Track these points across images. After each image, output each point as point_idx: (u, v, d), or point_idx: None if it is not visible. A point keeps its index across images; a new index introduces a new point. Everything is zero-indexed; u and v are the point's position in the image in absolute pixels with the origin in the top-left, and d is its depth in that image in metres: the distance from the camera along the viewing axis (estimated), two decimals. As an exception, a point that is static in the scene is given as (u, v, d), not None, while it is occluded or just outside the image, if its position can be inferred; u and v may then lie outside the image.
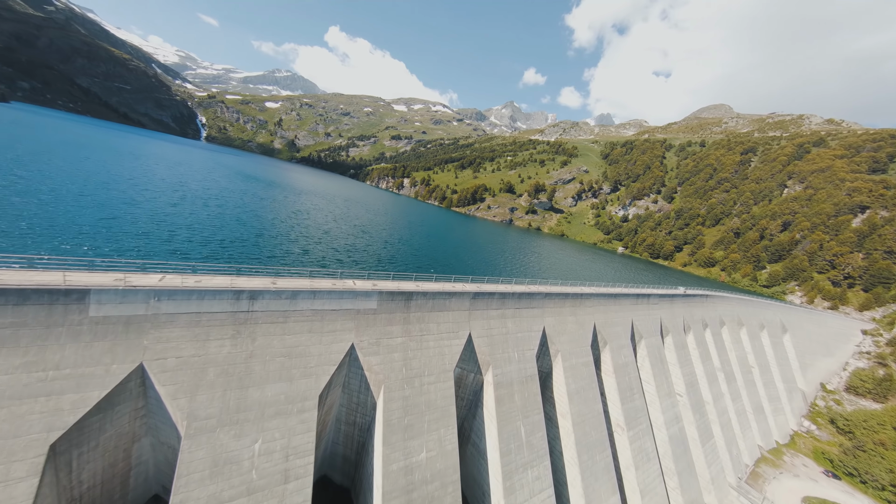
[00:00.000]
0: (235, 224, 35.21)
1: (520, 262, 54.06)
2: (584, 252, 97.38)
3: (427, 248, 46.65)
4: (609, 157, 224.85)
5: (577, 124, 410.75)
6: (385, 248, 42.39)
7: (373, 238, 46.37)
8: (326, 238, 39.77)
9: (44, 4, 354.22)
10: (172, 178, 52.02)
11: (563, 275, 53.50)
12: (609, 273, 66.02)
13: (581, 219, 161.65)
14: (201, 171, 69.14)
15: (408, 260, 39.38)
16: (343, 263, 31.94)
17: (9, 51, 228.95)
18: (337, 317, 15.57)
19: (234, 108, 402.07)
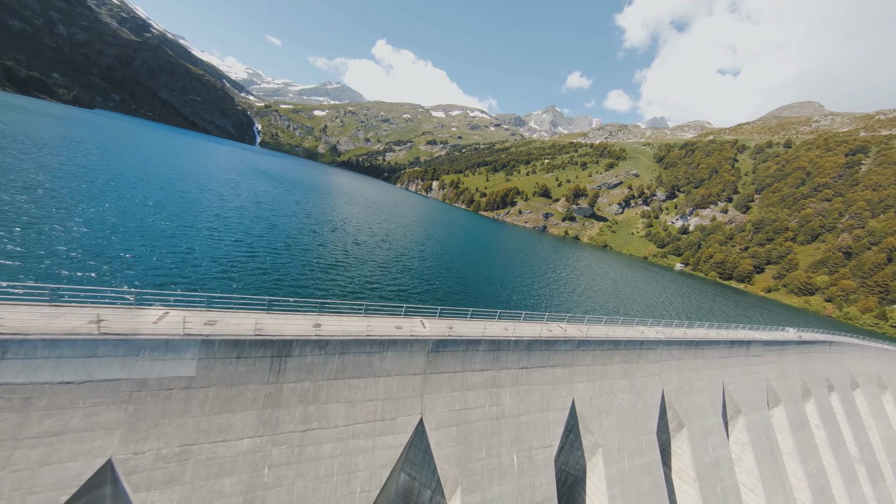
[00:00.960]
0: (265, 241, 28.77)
1: (552, 278, 41.07)
2: (633, 268, 79.58)
3: (438, 259, 36.09)
4: (664, 160, 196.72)
5: (625, 127, 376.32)
6: (391, 256, 32.87)
7: (386, 247, 37.27)
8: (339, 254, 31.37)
9: (144, 32, 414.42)
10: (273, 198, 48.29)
11: (605, 300, 39.41)
12: (669, 298, 49.76)
13: (628, 228, 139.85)
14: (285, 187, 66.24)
15: (417, 276, 29.22)
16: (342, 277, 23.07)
17: (110, 70, 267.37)
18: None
19: (286, 117, 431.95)
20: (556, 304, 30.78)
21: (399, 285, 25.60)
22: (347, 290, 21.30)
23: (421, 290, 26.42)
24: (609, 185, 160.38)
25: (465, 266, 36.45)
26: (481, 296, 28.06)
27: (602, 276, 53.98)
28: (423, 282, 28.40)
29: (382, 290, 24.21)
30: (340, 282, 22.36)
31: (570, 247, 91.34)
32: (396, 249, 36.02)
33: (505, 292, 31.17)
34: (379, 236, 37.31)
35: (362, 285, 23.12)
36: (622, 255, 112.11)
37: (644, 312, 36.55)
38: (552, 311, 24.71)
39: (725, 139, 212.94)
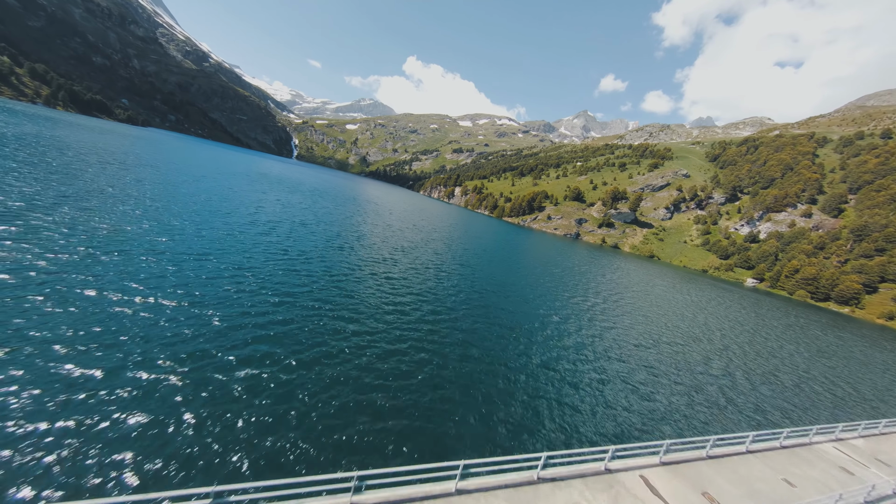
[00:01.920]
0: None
1: (600, 306, 28.98)
2: (692, 283, 62.92)
3: (458, 278, 26.39)
4: (720, 159, 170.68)
5: (668, 127, 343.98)
6: (403, 276, 24.02)
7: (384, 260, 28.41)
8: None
9: (203, 62, 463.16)
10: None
11: (699, 336, 26.42)
12: (778, 332, 34.51)
13: (679, 236, 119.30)
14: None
15: (437, 303, 20.14)
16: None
17: (171, 94, 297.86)
18: None
19: (321, 131, 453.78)
20: (624, 350, 19.26)
21: (417, 319, 16.27)
22: (351, 348, 12.37)
23: (444, 324, 17.01)
24: (654, 187, 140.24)
25: (489, 286, 26.17)
26: (518, 332, 17.97)
27: (666, 298, 40.10)
28: (446, 311, 18.88)
29: (399, 328, 15.33)
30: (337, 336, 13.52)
31: (610, 258, 76.27)
32: (410, 268, 26.68)
33: (546, 329, 20.39)
34: (390, 256, 28.20)
35: (369, 332, 14.09)
36: (674, 267, 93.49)
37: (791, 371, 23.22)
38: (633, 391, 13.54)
39: (796, 133, 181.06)
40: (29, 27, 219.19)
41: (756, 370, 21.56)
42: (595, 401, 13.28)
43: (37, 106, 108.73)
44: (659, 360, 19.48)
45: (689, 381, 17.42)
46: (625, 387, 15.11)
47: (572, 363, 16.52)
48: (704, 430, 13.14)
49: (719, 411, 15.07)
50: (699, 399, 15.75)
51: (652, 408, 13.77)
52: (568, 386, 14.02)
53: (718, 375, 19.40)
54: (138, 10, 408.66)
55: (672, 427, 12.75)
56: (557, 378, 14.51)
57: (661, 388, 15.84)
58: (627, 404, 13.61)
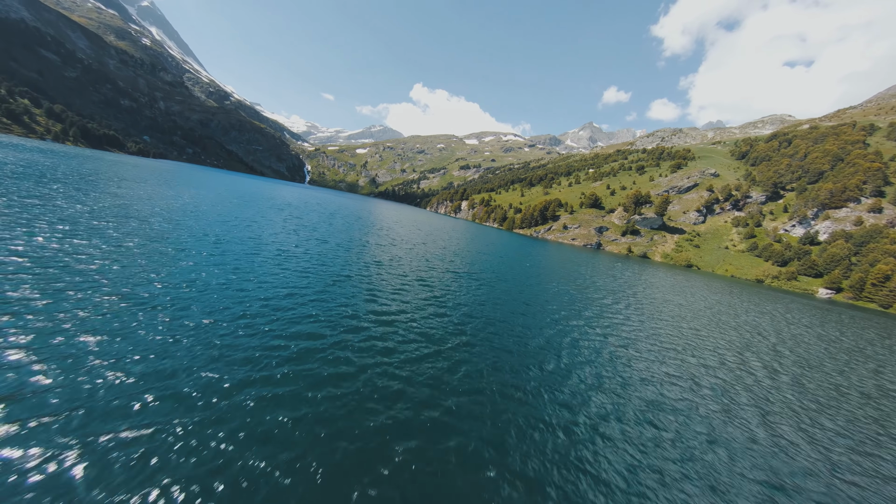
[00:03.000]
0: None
1: (643, 342, 16.68)
2: (750, 296, 47.99)
3: (466, 306, 15.87)
4: (749, 156, 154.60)
5: (680, 131, 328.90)
6: (406, 300, 13.90)
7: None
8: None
9: (224, 100, 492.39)
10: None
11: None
12: None
13: (718, 241, 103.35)
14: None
15: (443, 340, 9.84)
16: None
17: (191, 130, 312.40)
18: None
19: (332, 157, 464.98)
20: (693, 405, 7.76)
21: (422, 360, 6.02)
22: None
23: (453, 369, 6.20)
24: (679, 188, 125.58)
25: (503, 315, 15.67)
26: (538, 381, 7.12)
27: (728, 317, 26.84)
28: (453, 352, 8.02)
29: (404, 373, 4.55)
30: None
31: (642, 269, 62.49)
32: (412, 292, 16.54)
33: (583, 370, 9.00)
34: (391, 278, 18.29)
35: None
36: (720, 277, 77.73)
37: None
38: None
39: (832, 125, 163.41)
40: (65, 77, 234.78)
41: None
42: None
43: (45, 141, 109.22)
44: (756, 424, 7.19)
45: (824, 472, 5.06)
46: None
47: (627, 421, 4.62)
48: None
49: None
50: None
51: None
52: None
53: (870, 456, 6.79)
54: (168, 60, 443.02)
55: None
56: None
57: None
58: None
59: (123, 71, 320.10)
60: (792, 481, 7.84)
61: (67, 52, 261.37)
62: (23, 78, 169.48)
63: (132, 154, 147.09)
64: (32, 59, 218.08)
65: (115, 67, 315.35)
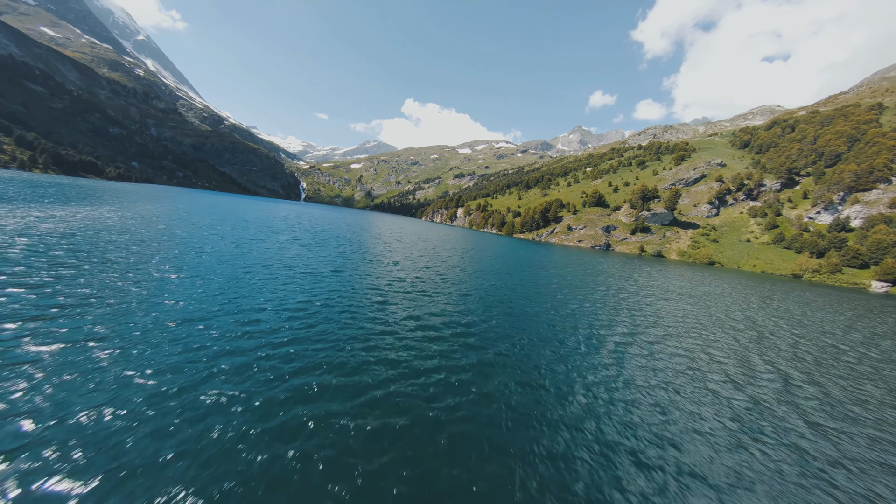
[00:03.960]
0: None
1: (668, 330, 6.78)
2: (794, 294, 37.72)
3: (463, 335, 6.45)
4: (753, 144, 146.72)
5: (671, 127, 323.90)
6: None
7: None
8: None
9: (218, 124, 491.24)
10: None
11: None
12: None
13: (736, 234, 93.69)
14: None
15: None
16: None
17: (183, 154, 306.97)
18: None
19: (327, 173, 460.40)
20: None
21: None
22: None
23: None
24: (686, 181, 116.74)
25: (509, 349, 6.81)
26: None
27: (778, 324, 16.98)
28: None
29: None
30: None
31: (661, 269, 52.51)
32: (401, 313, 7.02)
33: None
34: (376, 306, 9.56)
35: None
36: (748, 274, 67.53)
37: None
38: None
39: (833, 108, 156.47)
40: (52, 108, 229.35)
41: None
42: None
43: (8, 169, 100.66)
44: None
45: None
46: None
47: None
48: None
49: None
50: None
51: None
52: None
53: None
54: (161, 88, 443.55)
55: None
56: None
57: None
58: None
59: (114, 100, 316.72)
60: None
61: (56, 84, 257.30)
62: (3, 111, 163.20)
63: (110, 179, 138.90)
64: (18, 92, 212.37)
65: (105, 97, 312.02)
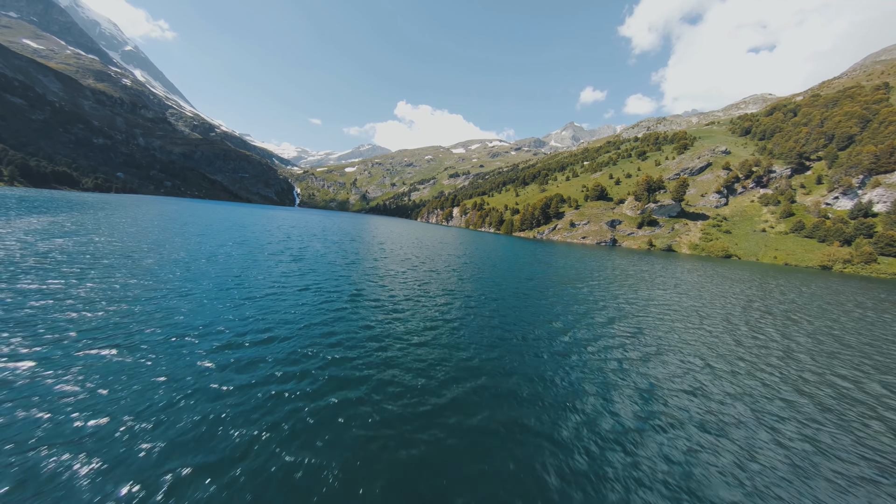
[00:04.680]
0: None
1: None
2: (830, 289, 30.96)
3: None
4: (754, 131, 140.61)
5: (664, 119, 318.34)
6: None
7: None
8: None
9: (209, 132, 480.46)
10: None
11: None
12: None
13: (749, 224, 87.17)
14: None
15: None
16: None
17: (171, 163, 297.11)
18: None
19: (321, 178, 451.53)
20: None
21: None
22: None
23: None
24: (692, 170, 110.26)
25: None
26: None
27: (832, 329, 10.20)
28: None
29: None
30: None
31: (675, 264, 45.71)
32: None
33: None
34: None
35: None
36: (769, 267, 60.75)
37: None
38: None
39: (833, 92, 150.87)
40: (32, 120, 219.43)
41: None
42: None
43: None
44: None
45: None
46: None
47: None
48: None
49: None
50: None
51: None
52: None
53: None
54: (149, 97, 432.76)
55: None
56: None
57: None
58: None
59: (99, 111, 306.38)
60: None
61: (37, 96, 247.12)
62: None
63: (86, 190, 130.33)
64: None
65: (90, 108, 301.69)
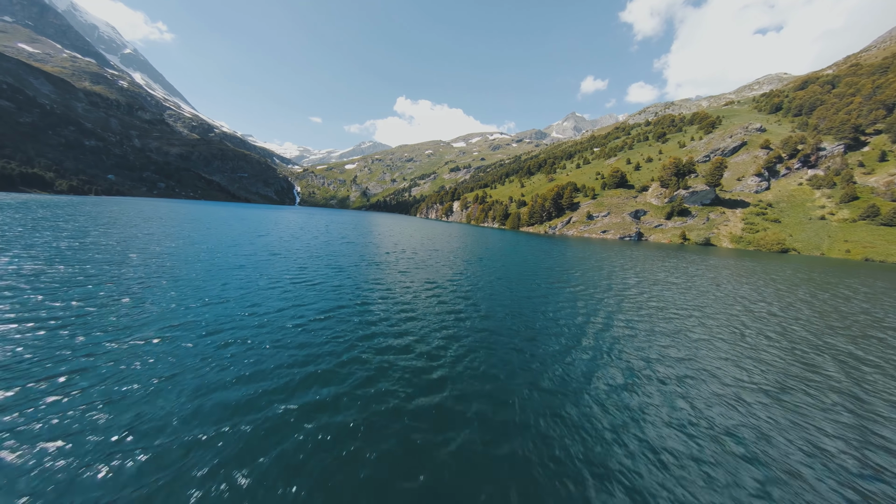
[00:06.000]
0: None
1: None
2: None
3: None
4: (788, 106, 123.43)
5: (672, 104, 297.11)
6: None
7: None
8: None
9: (208, 133, 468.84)
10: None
11: None
12: None
13: (801, 211, 72.35)
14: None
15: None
16: None
17: (166, 164, 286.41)
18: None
19: (321, 175, 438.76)
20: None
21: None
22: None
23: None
24: (723, 150, 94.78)
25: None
26: None
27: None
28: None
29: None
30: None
31: (721, 263, 32.25)
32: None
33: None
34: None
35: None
36: (846, 263, 46.46)
37: None
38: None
39: (868, 62, 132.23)
40: (19, 123, 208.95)
41: None
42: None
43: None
44: None
45: None
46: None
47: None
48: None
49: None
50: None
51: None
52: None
53: None
54: (147, 99, 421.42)
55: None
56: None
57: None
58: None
59: (93, 113, 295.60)
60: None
61: (27, 99, 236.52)
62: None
63: (59, 193, 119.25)
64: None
65: (83, 110, 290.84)
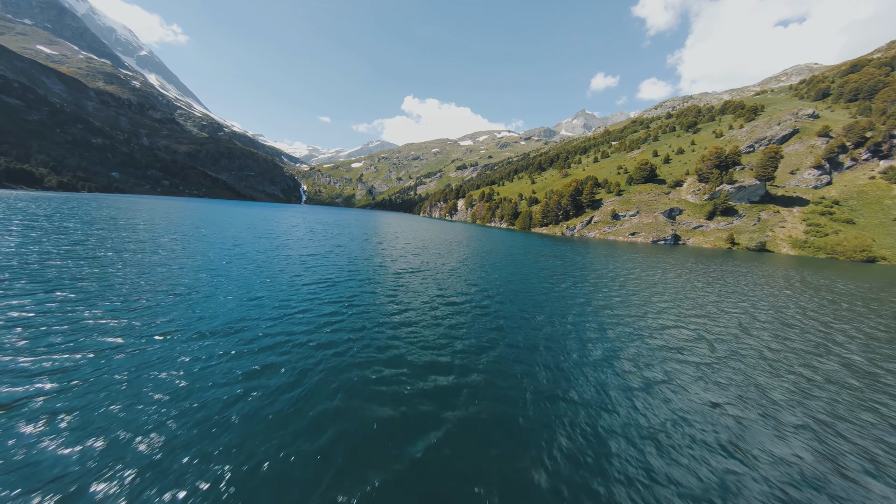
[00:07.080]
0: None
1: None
2: None
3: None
4: (840, 91, 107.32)
5: (692, 97, 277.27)
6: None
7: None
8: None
9: (218, 132, 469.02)
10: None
11: None
12: None
13: (879, 209, 58.61)
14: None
15: None
16: None
17: (173, 162, 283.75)
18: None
19: (327, 174, 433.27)
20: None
21: None
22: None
23: None
24: (770, 139, 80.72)
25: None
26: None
27: None
28: None
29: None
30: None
31: (810, 279, 19.92)
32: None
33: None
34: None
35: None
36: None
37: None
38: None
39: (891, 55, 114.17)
40: (27, 121, 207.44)
41: None
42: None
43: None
44: None
45: None
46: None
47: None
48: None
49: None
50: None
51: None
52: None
53: None
54: (158, 98, 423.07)
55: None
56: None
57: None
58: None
59: (103, 111, 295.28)
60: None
61: (37, 97, 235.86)
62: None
63: (48, 189, 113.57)
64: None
65: (94, 109, 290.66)
